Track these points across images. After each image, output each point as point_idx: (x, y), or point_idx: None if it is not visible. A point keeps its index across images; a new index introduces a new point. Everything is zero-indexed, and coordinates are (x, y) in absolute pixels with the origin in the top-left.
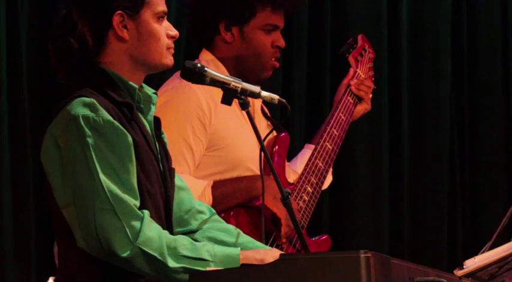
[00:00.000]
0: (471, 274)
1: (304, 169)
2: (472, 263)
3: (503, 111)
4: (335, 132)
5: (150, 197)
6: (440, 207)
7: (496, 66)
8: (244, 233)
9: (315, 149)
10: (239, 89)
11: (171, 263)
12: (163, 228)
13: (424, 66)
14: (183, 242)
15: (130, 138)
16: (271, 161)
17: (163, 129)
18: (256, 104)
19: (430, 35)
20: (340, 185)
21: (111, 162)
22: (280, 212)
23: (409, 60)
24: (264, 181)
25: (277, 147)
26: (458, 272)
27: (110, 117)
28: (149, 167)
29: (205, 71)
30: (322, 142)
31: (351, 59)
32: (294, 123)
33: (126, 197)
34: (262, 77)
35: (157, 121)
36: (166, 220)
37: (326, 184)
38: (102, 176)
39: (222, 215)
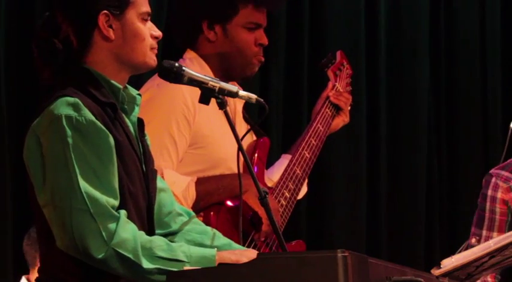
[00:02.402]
0: (448, 273)
1: (283, 175)
2: (449, 263)
3: (481, 114)
4: (313, 142)
5: (131, 198)
6: (418, 207)
7: (475, 74)
8: (224, 231)
9: (293, 157)
10: (217, 89)
11: (146, 264)
12: (145, 229)
13: (402, 76)
14: (158, 243)
15: (112, 139)
16: (249, 161)
17: (147, 126)
18: (238, 107)
19: (408, 43)
20: (318, 186)
21: (91, 163)
22: (262, 211)
23: (387, 68)
24: (241, 181)
25: (257, 152)
26: (436, 272)
27: (92, 118)
28: (132, 168)
29: (183, 70)
30: (300, 150)
31: (329, 73)
32: (271, 130)
33: (103, 197)
34: (248, 74)
35: (140, 122)
36: (148, 221)
37: (301, 194)
38: (80, 177)
39: (202, 213)
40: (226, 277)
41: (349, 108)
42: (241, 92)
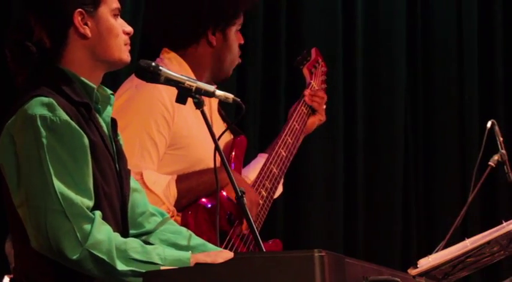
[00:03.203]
0: (425, 273)
1: (260, 173)
2: (426, 262)
3: (458, 114)
4: (289, 140)
5: (106, 197)
6: (395, 207)
7: (452, 74)
8: (202, 231)
9: (269, 155)
10: (194, 88)
11: (120, 266)
12: (119, 229)
13: (379, 76)
14: (133, 245)
15: (86, 140)
16: (225, 159)
17: (126, 128)
18: (213, 105)
19: (385, 43)
20: (295, 186)
21: (66, 163)
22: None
23: (364, 68)
24: (218, 181)
25: (235, 150)
26: (412, 271)
27: (67, 118)
28: (106, 168)
29: (160, 70)
30: (277, 149)
31: (305, 71)
32: (248, 129)
33: (78, 198)
34: (229, 74)
35: (114, 122)
36: (122, 221)
37: (276, 194)
38: (54, 177)
39: (180, 213)
40: (202, 277)
41: (324, 107)
42: (218, 92)
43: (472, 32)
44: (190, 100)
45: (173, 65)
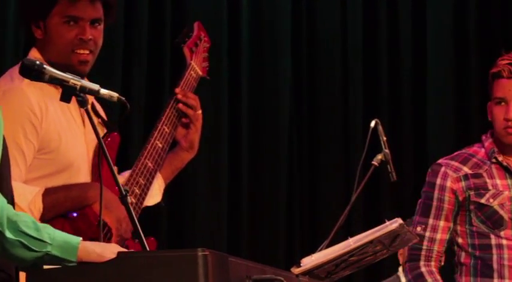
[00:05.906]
0: (308, 272)
1: (133, 170)
2: (309, 261)
3: (342, 112)
4: (166, 129)
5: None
6: (279, 206)
7: (336, 75)
8: None
9: (144, 149)
10: (78, 87)
11: (8, 234)
12: None
13: (264, 66)
14: (24, 219)
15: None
16: (101, 166)
17: None
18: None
19: (270, 44)
20: (179, 186)
21: None
22: (111, 221)
23: (249, 69)
24: (102, 183)
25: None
26: (296, 270)
27: None
28: (6, 158)
29: (44, 68)
30: (152, 141)
31: (185, 50)
32: (132, 127)
33: None
34: (76, 71)
35: None
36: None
37: (151, 201)
38: None
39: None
40: (85, 276)
41: (199, 112)
42: (103, 91)
43: (357, 31)
44: (62, 102)
45: None
